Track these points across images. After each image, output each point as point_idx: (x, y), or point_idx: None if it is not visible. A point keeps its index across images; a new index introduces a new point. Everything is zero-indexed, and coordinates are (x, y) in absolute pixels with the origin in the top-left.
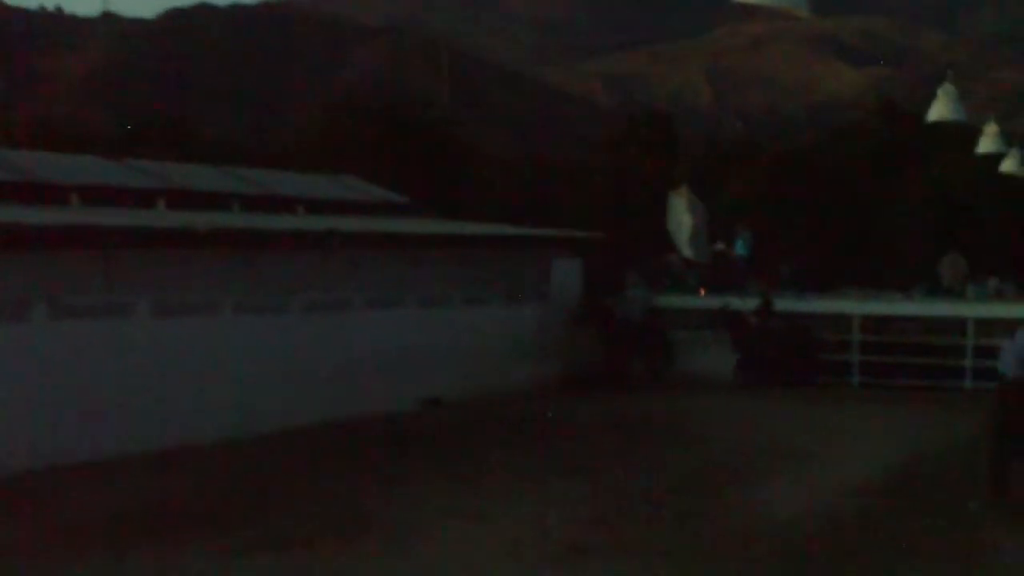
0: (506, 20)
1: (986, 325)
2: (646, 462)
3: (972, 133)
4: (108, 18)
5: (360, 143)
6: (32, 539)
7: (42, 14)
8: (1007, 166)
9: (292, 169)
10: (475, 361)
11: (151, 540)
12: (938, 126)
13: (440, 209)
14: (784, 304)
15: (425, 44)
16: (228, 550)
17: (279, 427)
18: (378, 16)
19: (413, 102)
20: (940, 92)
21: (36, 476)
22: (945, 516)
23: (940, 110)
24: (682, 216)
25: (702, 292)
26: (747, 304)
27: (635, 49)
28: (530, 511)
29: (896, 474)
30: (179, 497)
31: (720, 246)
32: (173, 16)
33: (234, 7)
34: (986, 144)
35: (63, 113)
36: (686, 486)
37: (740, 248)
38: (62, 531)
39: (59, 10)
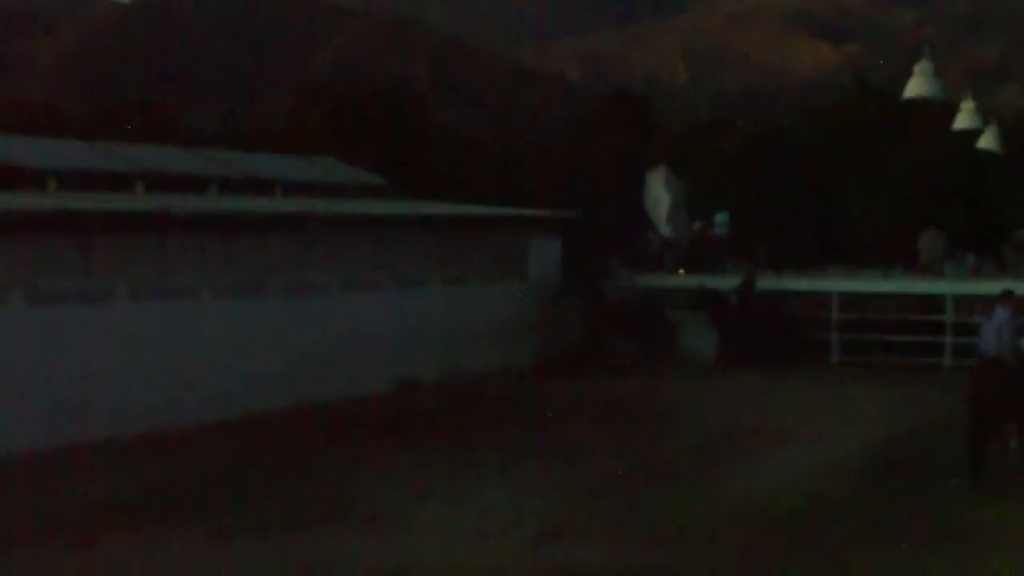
0: (478, 1)
1: (964, 302)
2: (624, 444)
3: (949, 110)
4: (82, 1)
5: (334, 126)
6: (18, 524)
7: None
8: (984, 142)
9: (268, 151)
10: (453, 342)
11: (132, 524)
12: (914, 103)
13: (415, 191)
14: (763, 283)
15: (398, 25)
16: (210, 533)
17: (258, 410)
18: None
19: (386, 84)
20: (916, 68)
21: (16, 462)
22: (925, 493)
23: (916, 86)
24: (660, 195)
25: (681, 272)
26: (726, 283)
27: (609, 28)
28: (506, 494)
29: (876, 452)
30: (160, 481)
31: (698, 225)
32: (148, 0)
33: None
34: (963, 120)
35: (38, 97)
36: (664, 467)
37: (719, 227)
38: (46, 515)
39: None
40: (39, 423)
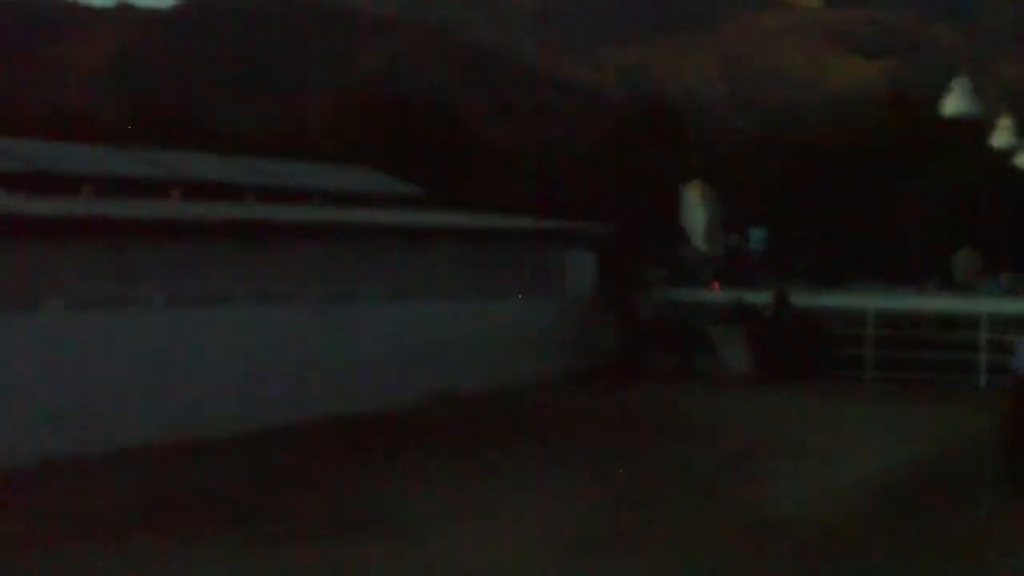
0: (517, 11)
1: (1000, 321)
2: (657, 457)
3: (986, 126)
4: (124, 8)
5: (372, 134)
6: (50, 528)
7: (60, 4)
8: (1021, 160)
9: (306, 159)
10: (489, 354)
11: (166, 530)
12: (952, 119)
13: (452, 201)
14: (798, 299)
15: (436, 36)
16: (244, 541)
17: (292, 418)
18: (390, 7)
19: (426, 94)
20: (954, 85)
21: (51, 465)
22: (959, 514)
23: (955, 103)
24: (696, 210)
25: (715, 286)
26: (760, 298)
27: (647, 40)
28: (540, 505)
29: (910, 471)
30: (194, 488)
31: (734, 240)
32: (189, 6)
33: None
34: (1000, 138)
35: (78, 103)
36: (696, 481)
37: (754, 242)
38: (80, 520)
39: (75, 0)
40: (78, 428)
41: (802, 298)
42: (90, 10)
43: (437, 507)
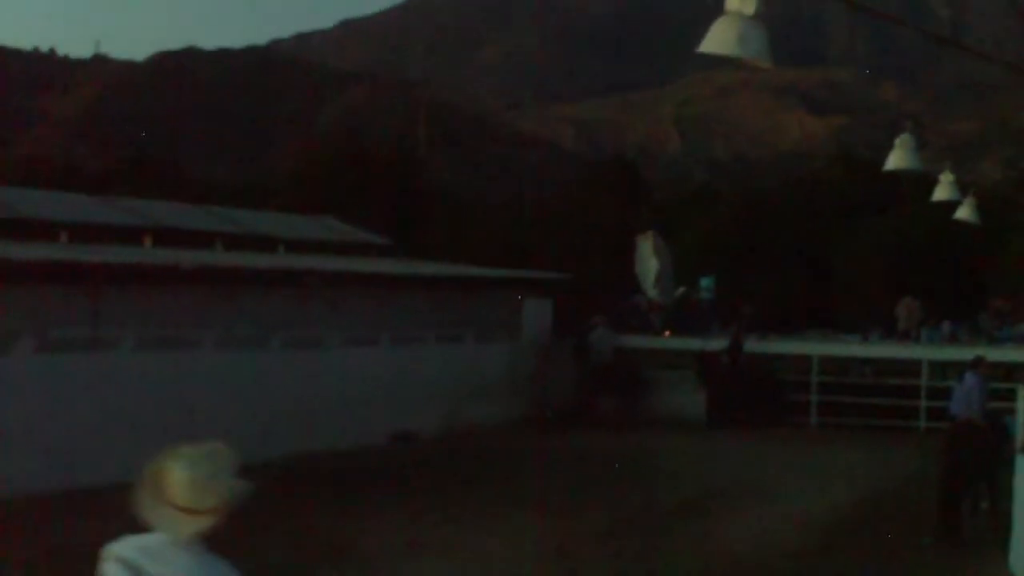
0: (480, 68)
1: (939, 367)
2: (611, 498)
3: (928, 181)
4: (99, 60)
5: (336, 185)
6: (22, 561)
7: (36, 55)
8: (961, 213)
9: (272, 208)
10: (447, 397)
11: None
12: (895, 174)
13: (414, 250)
14: (748, 345)
15: (401, 90)
16: None
17: (256, 459)
18: (356, 62)
19: (389, 146)
20: (897, 141)
21: (20, 503)
22: (900, 551)
23: (897, 159)
24: (648, 259)
25: (667, 334)
26: (711, 345)
27: (605, 96)
28: (495, 544)
29: (854, 510)
30: None
31: (682, 290)
32: (161, 59)
33: (220, 51)
34: (941, 192)
35: (55, 152)
36: (649, 521)
37: (704, 290)
38: (37, 561)
39: (52, 52)
40: (49, 467)
41: (752, 345)
42: (67, 61)
43: (397, 545)
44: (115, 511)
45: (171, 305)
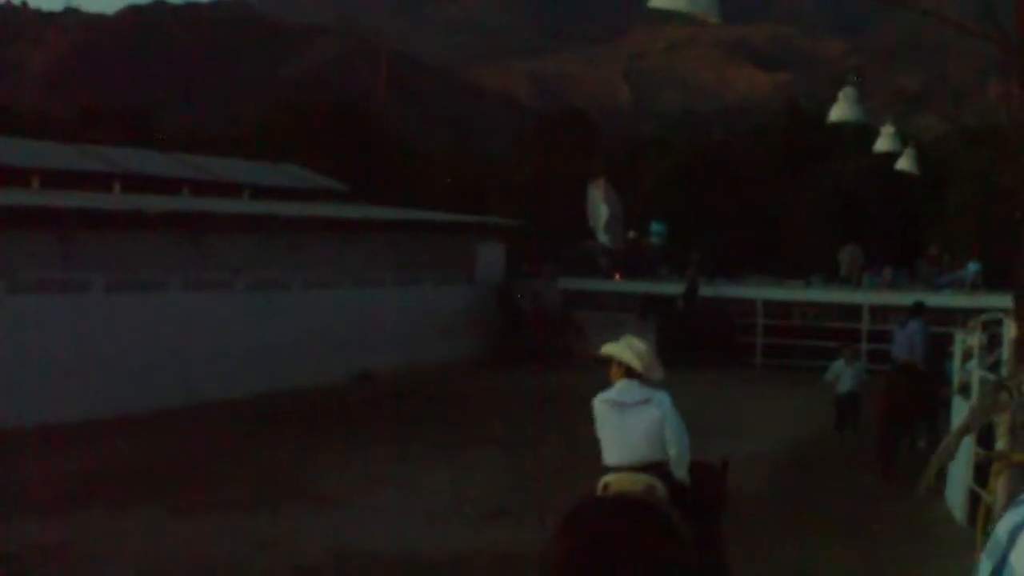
0: (440, 22)
1: (880, 312)
2: (560, 434)
3: (871, 133)
4: (70, 12)
5: (301, 135)
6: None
7: (8, 8)
8: (902, 164)
9: (239, 157)
10: (405, 338)
11: (97, 501)
12: (839, 126)
13: (375, 198)
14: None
15: (363, 44)
16: (170, 511)
17: (221, 398)
18: (318, 16)
19: (350, 98)
20: (841, 94)
21: None
22: (842, 487)
23: (841, 111)
24: (599, 206)
25: (617, 277)
26: (664, 288)
27: (559, 52)
28: (450, 478)
29: (797, 449)
30: (123, 462)
31: (632, 234)
32: (132, 12)
33: (188, 5)
34: (883, 143)
35: (26, 102)
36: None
37: (655, 236)
38: (12, 492)
39: (25, 5)
40: (18, 404)
41: (702, 289)
42: (38, 13)
43: (357, 480)
44: (88, 443)
45: (139, 249)
